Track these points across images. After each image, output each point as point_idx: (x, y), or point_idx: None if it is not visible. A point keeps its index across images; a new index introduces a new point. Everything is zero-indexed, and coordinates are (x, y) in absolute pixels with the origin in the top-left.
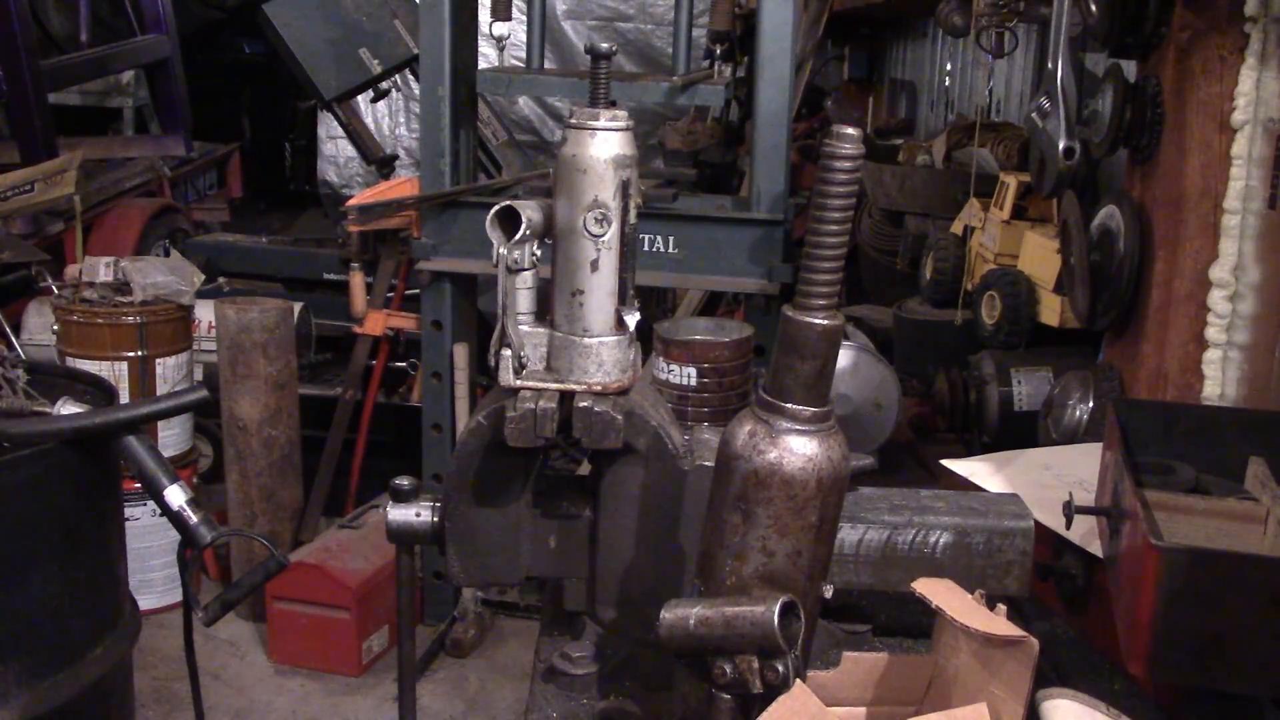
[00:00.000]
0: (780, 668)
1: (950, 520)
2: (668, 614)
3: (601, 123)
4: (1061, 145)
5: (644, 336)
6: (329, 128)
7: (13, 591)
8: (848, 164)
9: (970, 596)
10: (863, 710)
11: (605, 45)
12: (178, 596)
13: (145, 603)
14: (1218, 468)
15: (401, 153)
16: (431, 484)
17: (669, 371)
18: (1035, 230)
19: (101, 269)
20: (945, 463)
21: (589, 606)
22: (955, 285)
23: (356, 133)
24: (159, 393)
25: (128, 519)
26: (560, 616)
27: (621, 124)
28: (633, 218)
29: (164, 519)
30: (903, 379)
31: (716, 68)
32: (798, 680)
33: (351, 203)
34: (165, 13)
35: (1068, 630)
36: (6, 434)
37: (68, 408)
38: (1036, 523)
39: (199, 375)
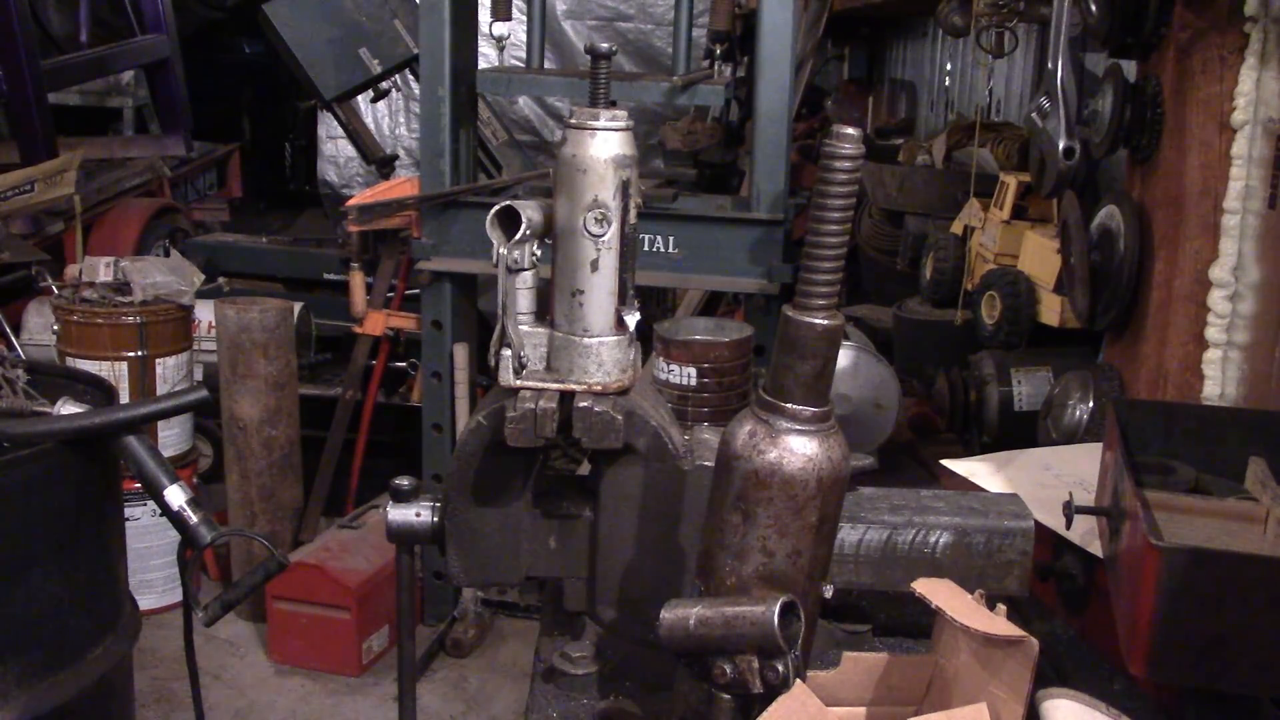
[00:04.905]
0: (780, 668)
1: (950, 520)
2: (668, 614)
3: (601, 123)
4: (1061, 145)
5: (644, 336)
6: (329, 128)
7: (13, 591)
8: (848, 164)
9: (970, 596)
10: (863, 710)
11: (605, 45)
12: (178, 596)
13: (145, 603)
14: (1218, 468)
15: (401, 153)
16: (431, 484)
17: (669, 371)
18: (1035, 230)
19: (101, 269)
20: (945, 463)
21: (589, 606)
22: (955, 285)
23: (356, 133)
24: (159, 393)
25: (128, 519)
26: (560, 616)
27: (621, 124)
28: (633, 218)
29: (164, 519)
30: (903, 379)
31: (716, 68)
32: (798, 680)
33: (351, 203)
34: (165, 13)
35: (1068, 630)
36: (6, 434)
37: (68, 408)
38: (1036, 523)
39: (199, 375)
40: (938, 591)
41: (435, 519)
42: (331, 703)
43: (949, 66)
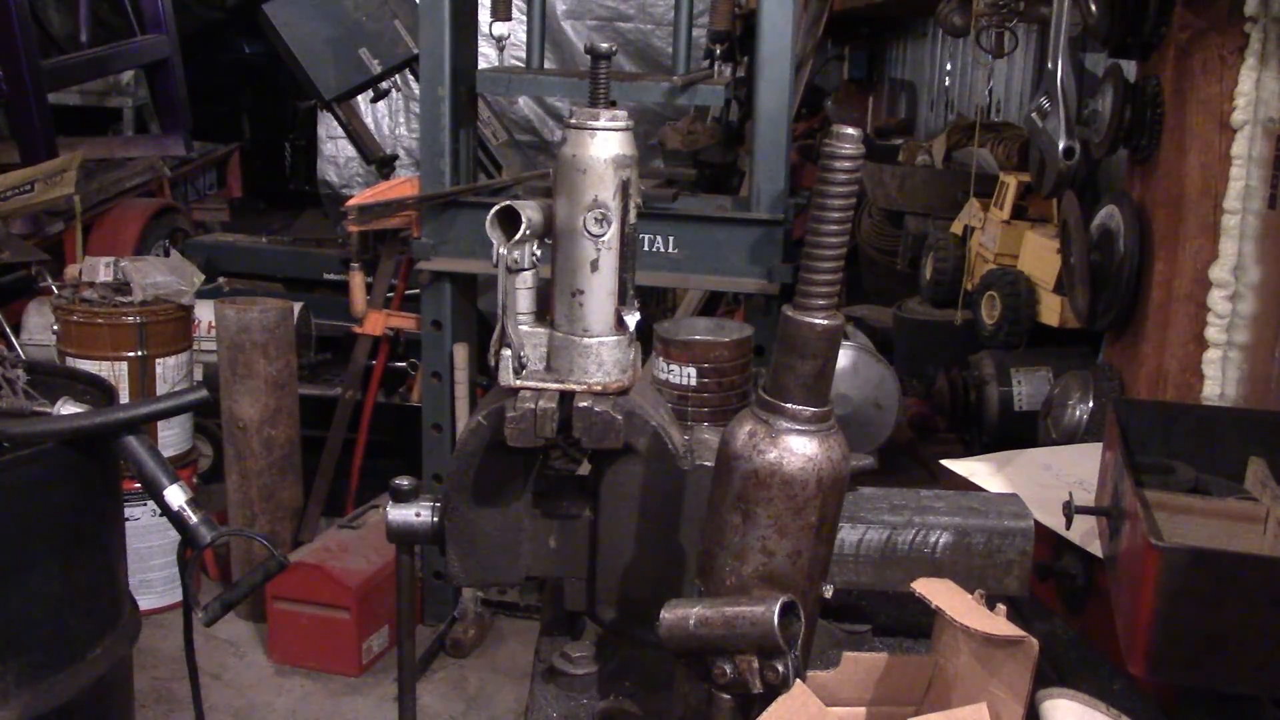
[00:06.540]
0: (780, 668)
1: (950, 520)
2: (668, 614)
3: (601, 123)
4: (1061, 145)
5: (644, 336)
6: (329, 128)
7: (13, 591)
8: (848, 164)
9: (970, 596)
10: (863, 710)
11: (605, 45)
12: (178, 596)
13: (145, 603)
14: (1218, 468)
15: (401, 153)
16: (431, 484)
17: (669, 371)
18: (1035, 230)
19: (101, 269)
20: (945, 463)
21: (589, 606)
22: (955, 285)
23: (356, 133)
24: (159, 393)
25: (128, 519)
26: (560, 616)
27: (621, 124)
28: (633, 218)
29: (164, 519)
30: (903, 379)
31: (716, 68)
32: (798, 680)
33: (351, 203)
34: (165, 13)
35: (1068, 630)
36: (6, 434)
37: (68, 408)
38: (1036, 523)
39: (199, 375)
40: (938, 591)
41: (435, 519)
42: (331, 703)
43: (949, 66)
